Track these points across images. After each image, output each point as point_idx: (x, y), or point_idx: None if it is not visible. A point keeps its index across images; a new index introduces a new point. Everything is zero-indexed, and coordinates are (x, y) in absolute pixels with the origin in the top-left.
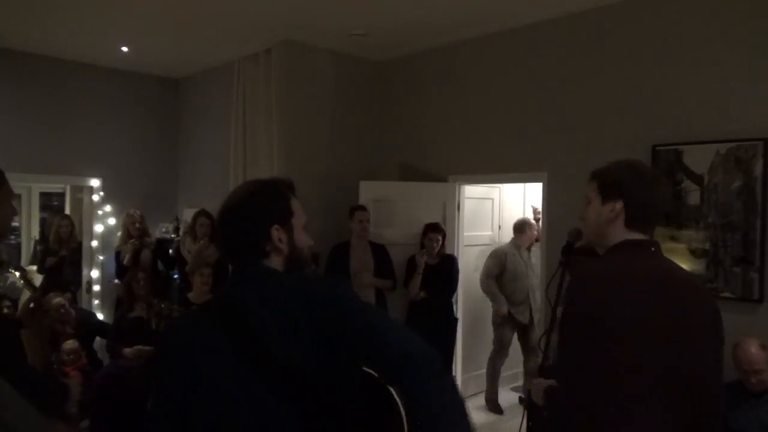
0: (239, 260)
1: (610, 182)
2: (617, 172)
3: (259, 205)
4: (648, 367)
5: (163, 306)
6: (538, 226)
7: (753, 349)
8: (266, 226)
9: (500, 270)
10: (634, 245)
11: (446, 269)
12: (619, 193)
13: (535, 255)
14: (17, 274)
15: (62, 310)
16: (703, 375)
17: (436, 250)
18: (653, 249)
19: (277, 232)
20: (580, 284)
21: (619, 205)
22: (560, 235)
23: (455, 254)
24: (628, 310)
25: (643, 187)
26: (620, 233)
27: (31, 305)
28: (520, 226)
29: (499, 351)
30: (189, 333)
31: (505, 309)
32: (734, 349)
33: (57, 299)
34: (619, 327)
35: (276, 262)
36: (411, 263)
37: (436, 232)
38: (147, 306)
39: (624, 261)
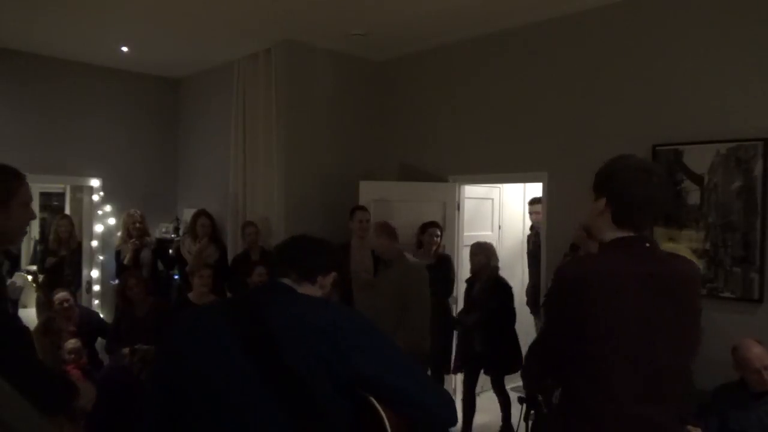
0: (286, 273)
1: (599, 178)
2: (606, 167)
3: (327, 253)
4: (632, 363)
5: (146, 349)
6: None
7: (756, 347)
8: (324, 270)
9: None
10: (624, 243)
11: (443, 269)
12: (604, 187)
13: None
14: (29, 277)
15: (65, 304)
16: (682, 369)
17: (435, 247)
18: (647, 245)
19: (323, 279)
20: (562, 282)
21: (603, 200)
22: (560, 234)
23: (455, 254)
24: (609, 311)
25: (628, 181)
26: (610, 230)
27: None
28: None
29: None
30: (200, 326)
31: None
32: (736, 352)
33: (61, 293)
34: (599, 326)
35: (310, 290)
36: None
37: (435, 226)
38: (130, 352)
39: (612, 260)
